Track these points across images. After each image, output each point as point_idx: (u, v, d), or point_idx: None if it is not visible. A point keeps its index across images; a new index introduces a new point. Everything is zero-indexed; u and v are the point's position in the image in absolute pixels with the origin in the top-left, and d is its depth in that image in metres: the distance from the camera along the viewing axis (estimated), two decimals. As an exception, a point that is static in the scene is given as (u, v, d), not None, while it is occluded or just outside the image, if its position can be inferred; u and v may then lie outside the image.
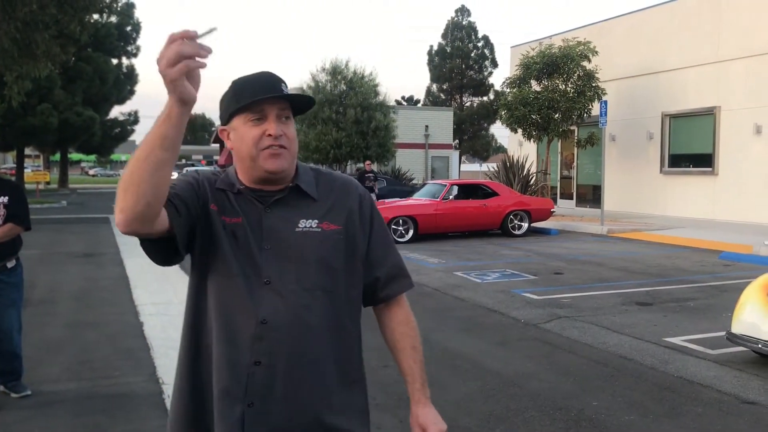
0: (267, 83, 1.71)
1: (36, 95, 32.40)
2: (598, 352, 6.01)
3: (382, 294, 1.90)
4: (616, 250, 12.96)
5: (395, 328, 1.91)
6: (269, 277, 1.71)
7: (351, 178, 1.95)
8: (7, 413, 4.53)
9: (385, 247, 1.91)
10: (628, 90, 21.12)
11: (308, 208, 1.78)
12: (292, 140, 1.75)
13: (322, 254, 1.76)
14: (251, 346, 1.69)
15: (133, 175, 1.48)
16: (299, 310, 1.71)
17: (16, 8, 20.14)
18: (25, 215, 4.82)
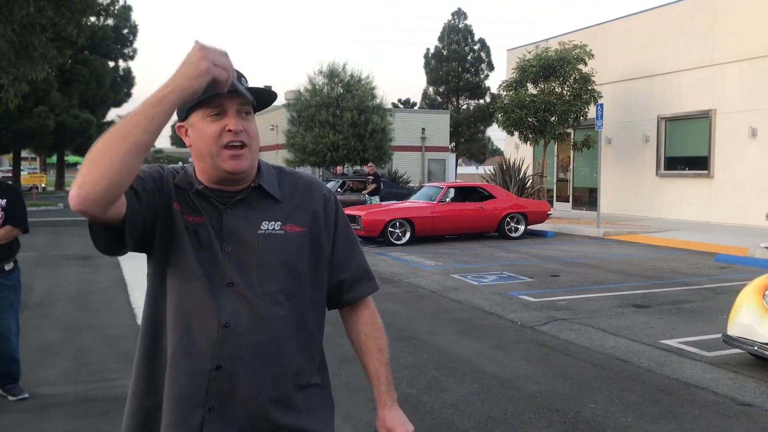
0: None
1: (32, 98, 32.36)
2: (594, 354, 6.03)
3: (346, 297, 1.86)
4: (613, 253, 13.00)
5: (361, 330, 1.87)
6: (232, 279, 1.66)
7: (315, 177, 1.92)
8: (5, 416, 4.53)
9: (349, 248, 1.86)
10: (624, 93, 21.18)
11: (271, 209, 1.73)
12: (253, 137, 1.68)
13: (286, 257, 1.71)
14: (212, 350, 1.64)
15: (107, 151, 1.41)
16: (263, 313, 1.66)
17: (13, 11, 20.12)
18: (23, 218, 4.82)
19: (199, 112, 1.64)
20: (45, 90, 33.15)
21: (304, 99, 26.38)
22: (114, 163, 1.40)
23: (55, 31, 21.70)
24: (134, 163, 1.44)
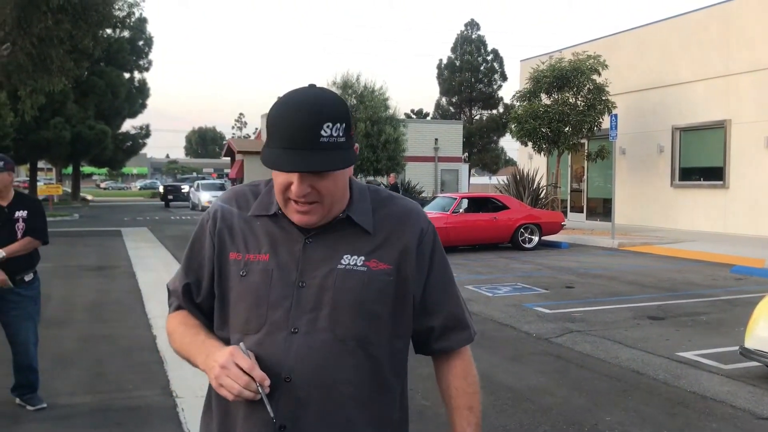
0: (299, 136, 1.39)
1: (49, 109, 32.72)
2: (610, 366, 6.00)
3: (436, 346, 1.65)
4: (627, 264, 12.93)
5: (451, 383, 1.65)
6: (297, 324, 1.47)
7: (415, 205, 1.65)
8: (24, 426, 4.57)
9: (443, 292, 1.63)
10: (638, 103, 21.13)
11: (355, 241, 1.53)
12: (326, 193, 1.45)
13: (364, 298, 1.49)
14: (275, 407, 1.45)
15: (180, 345, 1.61)
16: (328, 365, 1.47)
17: (32, 24, 20.42)
18: (42, 229, 4.89)
19: None
20: (61, 101, 33.53)
21: (317, 110, 26.51)
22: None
23: (72, 43, 22.01)
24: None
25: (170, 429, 4.52)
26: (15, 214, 4.79)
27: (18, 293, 4.79)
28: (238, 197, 1.61)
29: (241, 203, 1.60)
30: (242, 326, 1.51)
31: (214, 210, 1.61)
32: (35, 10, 20.30)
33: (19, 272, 4.77)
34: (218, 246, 1.56)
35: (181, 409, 4.84)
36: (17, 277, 4.77)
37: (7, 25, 20.64)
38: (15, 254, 4.71)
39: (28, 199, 4.97)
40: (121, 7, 24.13)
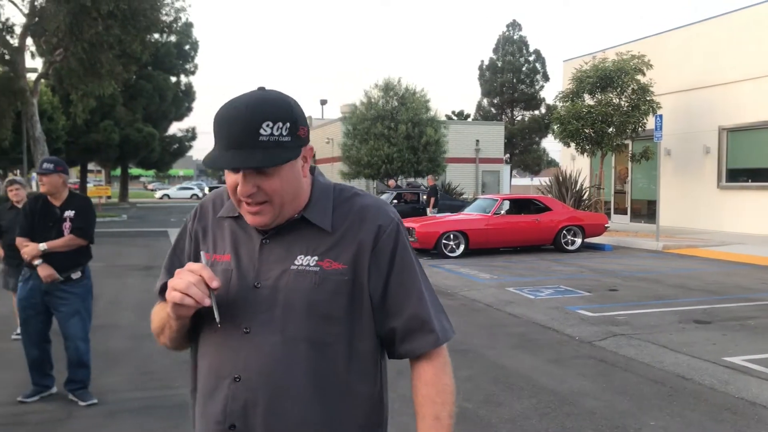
0: (237, 136, 1.39)
1: (99, 112, 33.57)
2: (654, 370, 5.93)
3: (400, 349, 1.56)
4: (673, 267, 12.71)
5: (419, 390, 1.55)
6: (249, 325, 1.47)
7: (377, 201, 1.60)
8: (75, 421, 4.72)
9: (404, 292, 1.54)
10: (684, 103, 20.73)
11: (310, 241, 1.50)
12: (273, 193, 1.44)
13: (316, 299, 1.47)
14: (223, 408, 1.47)
15: (161, 334, 1.59)
16: (276, 366, 1.45)
17: (83, 30, 21.02)
18: (86, 228, 5.03)
19: None
20: (111, 105, 34.37)
21: (359, 112, 26.66)
22: (168, 343, 1.59)
23: (121, 48, 22.59)
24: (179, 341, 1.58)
25: (216, 426, 4.61)
26: (64, 214, 4.98)
27: (65, 290, 4.96)
28: (216, 199, 1.64)
29: (217, 204, 1.63)
30: (206, 326, 1.52)
31: (194, 210, 1.67)
32: (86, 17, 20.89)
33: (66, 270, 4.95)
34: (194, 245, 1.62)
35: (226, 407, 4.94)
36: (64, 274, 4.95)
37: (60, 31, 21.29)
38: (56, 249, 4.88)
39: (78, 199, 5.14)
40: (168, 12, 24.65)
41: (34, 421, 4.68)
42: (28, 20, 22.92)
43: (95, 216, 5.25)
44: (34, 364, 5.04)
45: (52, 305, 4.98)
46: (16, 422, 4.65)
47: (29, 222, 5.01)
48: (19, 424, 4.61)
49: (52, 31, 21.80)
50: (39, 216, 4.98)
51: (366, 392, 1.54)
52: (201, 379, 1.55)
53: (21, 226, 5.09)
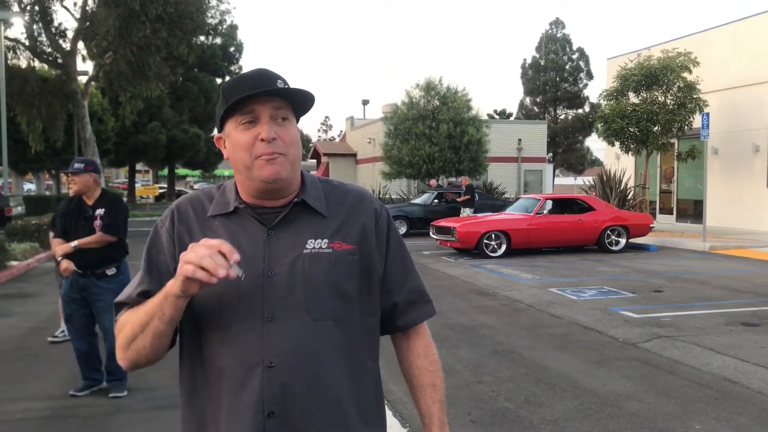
0: (258, 80, 1.51)
1: (146, 114, 34.30)
2: (700, 373, 5.83)
3: (400, 322, 1.67)
4: (720, 268, 12.45)
5: (413, 362, 1.68)
6: (272, 311, 1.49)
7: (365, 190, 1.73)
8: (124, 415, 4.86)
9: (403, 268, 1.68)
10: (731, 101, 20.26)
11: (316, 226, 1.57)
12: (290, 144, 1.53)
13: (335, 278, 1.53)
14: (260, 397, 1.46)
15: (135, 339, 1.47)
16: (310, 346, 1.50)
17: (132, 33, 21.53)
18: (115, 225, 5.15)
19: (232, 120, 1.53)
20: (158, 106, 35.10)
21: (401, 112, 26.67)
22: (144, 349, 1.47)
23: (168, 51, 23.06)
24: (162, 342, 1.47)
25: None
26: (95, 212, 5.13)
27: (101, 286, 5.12)
28: (193, 201, 1.64)
29: (197, 207, 1.62)
30: (214, 323, 1.51)
31: (169, 213, 1.63)
32: (135, 21, 21.38)
33: (100, 266, 5.11)
34: (178, 247, 1.56)
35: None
36: (98, 270, 5.11)
37: (110, 35, 21.83)
38: (86, 246, 5.04)
39: (108, 197, 5.29)
40: (213, 14, 25.08)
41: (85, 414, 4.83)
42: (80, 24, 23.55)
43: (126, 212, 5.34)
44: (82, 357, 5.18)
45: (89, 300, 5.14)
46: (67, 415, 4.81)
47: (62, 222, 5.20)
48: (71, 417, 4.77)
49: (102, 34, 22.36)
50: (72, 215, 5.16)
51: (374, 368, 1.64)
52: (219, 374, 1.50)
53: (54, 225, 5.31)
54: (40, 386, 5.39)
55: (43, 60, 24.59)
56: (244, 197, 1.57)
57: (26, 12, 23.10)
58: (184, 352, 1.59)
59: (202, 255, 1.33)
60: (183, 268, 1.34)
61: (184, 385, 1.59)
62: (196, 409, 1.56)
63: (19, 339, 6.68)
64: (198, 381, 1.55)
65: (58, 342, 6.77)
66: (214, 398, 1.51)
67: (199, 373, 1.55)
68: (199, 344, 1.54)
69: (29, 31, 23.71)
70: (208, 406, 1.53)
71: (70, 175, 5.12)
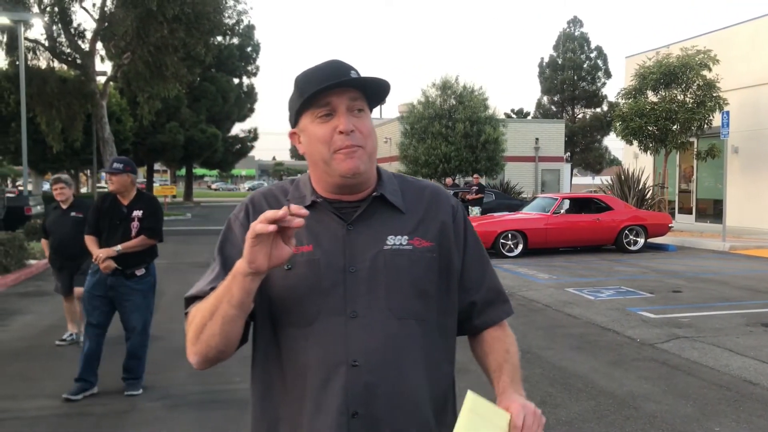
0: (332, 72, 1.47)
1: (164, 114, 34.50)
2: (720, 375, 5.75)
3: (477, 321, 1.64)
4: (740, 268, 12.29)
5: (486, 338, 1.64)
6: (355, 309, 1.46)
7: (440, 186, 1.69)
8: (138, 414, 4.87)
9: (481, 267, 1.65)
10: (752, 99, 20.01)
11: (395, 222, 1.53)
12: (368, 136, 1.49)
13: (415, 276, 1.50)
14: (344, 397, 1.43)
15: (204, 328, 1.41)
16: (393, 345, 1.46)
17: (150, 34, 21.68)
18: (154, 228, 5.19)
19: (308, 114, 1.50)
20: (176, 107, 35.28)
21: (417, 111, 26.65)
22: (214, 337, 1.41)
23: (185, 51, 23.20)
24: (233, 330, 1.40)
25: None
26: (132, 213, 5.13)
27: (129, 286, 5.13)
28: (267, 195, 1.61)
29: (271, 201, 1.58)
30: (294, 319, 1.47)
31: (244, 207, 1.58)
32: (153, 21, 21.52)
33: (130, 267, 5.11)
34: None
35: (284, 402, 5.02)
36: (128, 270, 5.11)
37: (128, 35, 22.00)
38: (130, 250, 5.06)
39: (146, 199, 5.30)
40: (230, 14, 25.18)
41: (99, 412, 4.85)
42: (98, 25, 23.75)
43: (163, 215, 5.40)
44: (88, 357, 5.15)
45: (115, 299, 5.15)
46: (82, 413, 4.82)
47: (95, 220, 5.19)
48: (85, 415, 4.79)
49: (120, 35, 22.54)
50: (106, 214, 5.16)
51: (449, 370, 1.59)
52: (301, 372, 1.47)
53: (88, 224, 5.28)
54: (55, 384, 5.41)
55: (62, 61, 24.83)
56: (321, 192, 1.54)
57: (46, 13, 23.33)
58: (258, 349, 1.56)
59: (265, 216, 1.29)
60: (255, 228, 1.29)
61: (258, 383, 1.56)
62: (269, 408, 1.53)
63: (35, 337, 6.73)
64: (273, 379, 1.52)
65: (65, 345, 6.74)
66: (294, 397, 1.48)
67: (275, 371, 1.51)
68: (276, 341, 1.50)
69: (49, 32, 23.96)
70: (284, 406, 1.50)
71: (108, 175, 5.13)
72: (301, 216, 1.29)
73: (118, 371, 5.33)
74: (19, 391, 5.33)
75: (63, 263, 6.59)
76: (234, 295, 1.35)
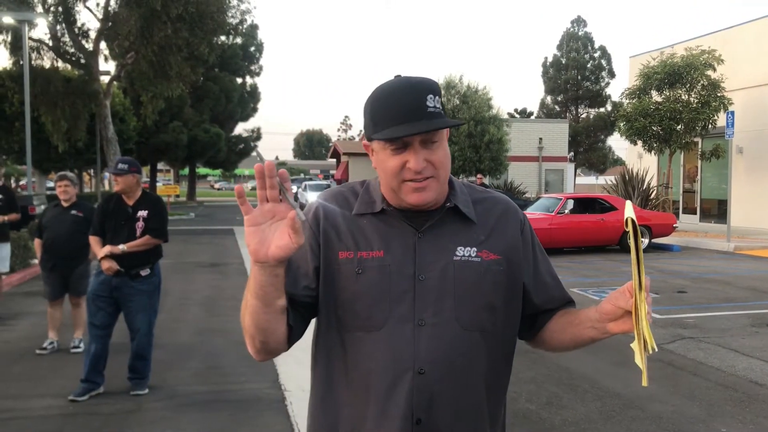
0: (406, 108, 1.42)
1: (167, 113, 34.50)
2: (725, 375, 5.74)
3: (545, 318, 1.66)
4: (745, 268, 12.27)
5: (555, 318, 1.64)
6: (422, 317, 1.46)
7: (507, 197, 1.67)
8: (145, 413, 4.87)
9: (551, 278, 1.65)
10: (757, 99, 19.97)
11: (465, 233, 1.53)
12: (440, 166, 1.46)
13: (482, 288, 1.50)
14: (409, 404, 1.44)
15: (243, 319, 1.44)
16: (459, 354, 1.48)
17: (153, 33, 21.68)
18: (159, 229, 5.19)
19: (380, 142, 1.47)
20: (179, 106, 35.29)
21: (420, 111, 26.60)
22: (251, 328, 1.42)
23: (189, 50, 23.19)
24: (267, 323, 1.40)
25: (279, 421, 4.70)
26: (137, 214, 5.14)
27: (134, 286, 5.13)
28: (337, 197, 1.59)
29: (341, 203, 1.57)
30: (363, 323, 1.48)
31: (314, 209, 1.56)
32: (157, 21, 21.52)
33: (135, 267, 5.11)
34: (324, 244, 1.51)
35: (289, 403, 5.03)
36: (133, 271, 5.10)
37: (132, 35, 22.00)
38: (135, 249, 5.06)
39: (151, 199, 5.30)
40: (234, 14, 25.17)
41: (106, 412, 4.85)
42: (102, 25, 23.76)
43: (167, 215, 5.40)
44: (93, 358, 5.13)
45: (120, 300, 5.15)
46: (89, 412, 4.83)
47: (100, 220, 5.19)
48: (92, 414, 4.79)
49: (124, 34, 22.54)
50: (111, 215, 5.16)
51: (506, 383, 1.62)
52: (367, 376, 1.48)
53: (93, 224, 5.30)
54: (61, 384, 5.42)
55: (66, 60, 24.85)
56: (391, 202, 1.53)
57: (50, 13, 23.34)
58: (320, 351, 1.57)
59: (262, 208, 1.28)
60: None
61: (319, 383, 1.57)
62: (331, 409, 1.54)
63: (41, 337, 6.72)
64: (335, 382, 1.53)
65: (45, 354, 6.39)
66: (359, 400, 1.49)
67: (339, 373, 1.52)
68: (341, 343, 1.51)
69: (53, 32, 23.97)
70: (346, 407, 1.51)
71: (113, 176, 5.13)
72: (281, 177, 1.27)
73: (123, 370, 5.34)
74: (26, 391, 5.34)
75: (55, 262, 6.34)
76: (251, 286, 1.36)
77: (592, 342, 1.57)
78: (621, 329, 1.42)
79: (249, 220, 1.29)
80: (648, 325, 1.33)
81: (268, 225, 1.29)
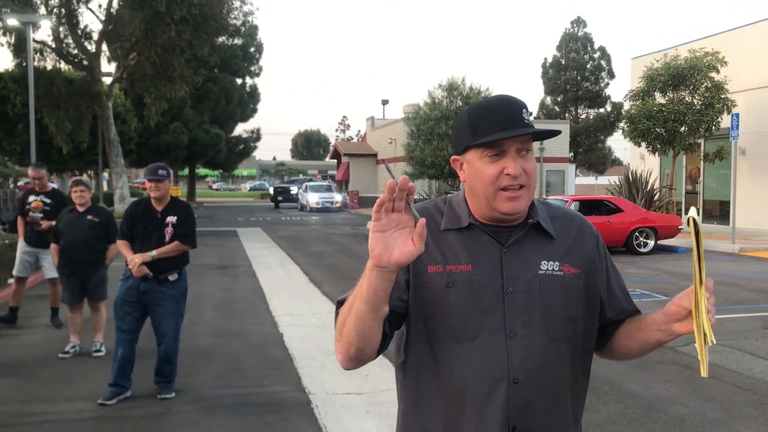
0: (508, 116, 1.52)
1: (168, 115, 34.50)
2: (743, 378, 5.81)
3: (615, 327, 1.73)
4: (751, 270, 12.35)
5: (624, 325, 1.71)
6: (513, 328, 1.54)
7: (580, 213, 1.77)
8: (174, 417, 4.92)
9: (622, 292, 1.72)
10: (761, 101, 20.08)
11: (546, 248, 1.61)
12: (532, 176, 1.56)
13: (566, 301, 1.58)
14: (505, 411, 1.52)
15: (345, 324, 1.48)
16: (549, 364, 1.56)
17: (156, 35, 21.73)
18: (188, 235, 5.26)
19: (477, 150, 1.55)
20: (179, 107, 35.31)
21: (423, 113, 26.68)
22: (351, 333, 1.47)
23: (191, 52, 23.24)
24: (368, 328, 1.45)
25: (309, 425, 4.75)
26: (166, 219, 5.19)
27: (162, 291, 5.18)
28: (423, 213, 1.60)
29: (428, 220, 1.55)
30: (455, 334, 1.54)
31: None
32: (160, 22, 21.58)
33: (163, 272, 5.16)
34: (414, 264, 1.54)
35: (315, 406, 5.08)
36: (161, 276, 5.15)
37: (134, 36, 22.04)
38: (165, 255, 5.11)
39: (180, 205, 5.35)
40: (236, 15, 25.22)
41: (136, 415, 4.91)
42: (105, 26, 23.81)
43: (195, 221, 5.46)
44: (121, 363, 5.17)
45: (148, 305, 5.19)
46: (120, 416, 4.88)
47: (128, 225, 5.24)
48: (124, 418, 4.85)
49: (126, 36, 22.60)
50: (140, 220, 5.21)
51: (585, 389, 1.70)
52: (462, 386, 1.54)
53: (120, 229, 5.34)
54: (88, 387, 5.47)
55: (68, 62, 24.90)
56: (477, 216, 1.61)
57: (53, 15, 23.38)
58: (410, 361, 1.62)
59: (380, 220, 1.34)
60: (373, 211, 1.35)
61: (410, 392, 1.63)
62: (421, 417, 1.60)
63: (63, 340, 6.73)
64: (427, 390, 1.59)
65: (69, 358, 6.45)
66: (454, 409, 1.56)
67: (430, 383, 1.59)
68: (433, 354, 1.57)
69: (56, 34, 24.02)
70: (438, 415, 1.58)
71: (153, 182, 5.15)
72: (409, 191, 1.32)
73: (148, 374, 5.40)
74: (55, 394, 5.38)
75: (73, 268, 6.38)
76: (363, 291, 1.40)
77: (659, 345, 1.63)
78: (687, 329, 1.48)
79: (377, 226, 1.35)
80: (708, 318, 1.40)
81: (392, 232, 1.35)
